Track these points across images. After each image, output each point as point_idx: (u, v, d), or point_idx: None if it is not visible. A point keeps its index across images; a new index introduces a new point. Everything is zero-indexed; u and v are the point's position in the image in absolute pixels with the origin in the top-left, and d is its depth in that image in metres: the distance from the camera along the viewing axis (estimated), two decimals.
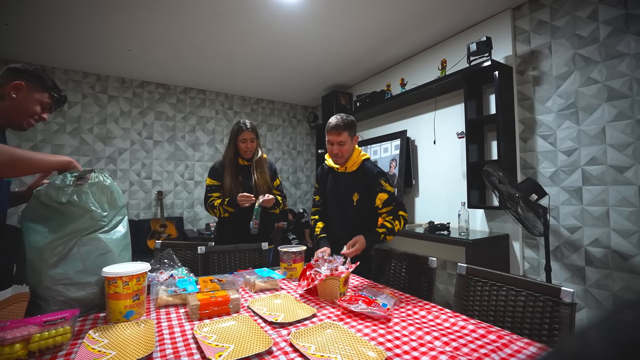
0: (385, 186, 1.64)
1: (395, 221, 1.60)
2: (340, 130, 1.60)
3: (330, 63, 3.57)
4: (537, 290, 1.07)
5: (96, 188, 1.09)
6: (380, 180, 1.64)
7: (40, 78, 1.14)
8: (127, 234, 1.16)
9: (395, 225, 1.60)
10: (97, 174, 1.12)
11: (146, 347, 0.81)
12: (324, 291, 1.21)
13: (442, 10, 2.54)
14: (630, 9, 1.92)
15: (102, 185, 1.11)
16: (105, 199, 1.11)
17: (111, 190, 1.13)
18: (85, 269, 1.02)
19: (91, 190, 1.08)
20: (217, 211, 1.95)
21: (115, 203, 1.14)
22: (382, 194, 1.63)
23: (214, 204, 1.96)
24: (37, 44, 3.06)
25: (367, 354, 0.79)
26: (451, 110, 2.93)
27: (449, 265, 2.95)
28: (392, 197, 1.64)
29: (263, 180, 2.00)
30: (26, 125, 1.15)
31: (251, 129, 1.97)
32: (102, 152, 3.82)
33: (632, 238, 1.91)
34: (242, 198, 1.86)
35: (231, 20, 2.68)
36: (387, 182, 1.65)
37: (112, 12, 2.54)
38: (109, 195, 1.12)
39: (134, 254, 1.23)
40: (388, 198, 1.63)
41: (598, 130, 2.05)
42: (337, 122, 1.61)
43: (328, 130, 1.64)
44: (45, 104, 1.16)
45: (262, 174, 2.01)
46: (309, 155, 5.29)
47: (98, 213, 1.07)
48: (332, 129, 1.61)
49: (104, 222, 1.08)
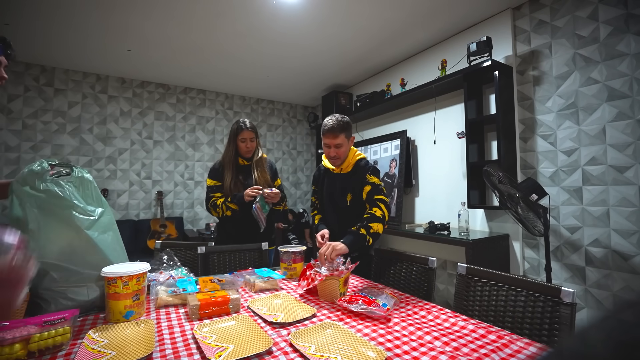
0: (370, 179, 1.60)
1: (374, 208, 1.52)
2: (337, 133, 1.58)
3: (330, 63, 3.57)
4: (537, 290, 1.06)
5: (79, 182, 1.08)
6: (366, 175, 1.61)
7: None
8: (115, 228, 1.15)
9: (374, 211, 1.50)
10: (77, 169, 1.10)
11: (146, 347, 0.81)
12: (324, 291, 1.21)
13: (442, 10, 2.54)
14: (631, 9, 1.92)
15: (85, 180, 1.09)
16: (90, 193, 1.10)
17: (95, 185, 1.12)
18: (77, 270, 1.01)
19: (74, 184, 1.06)
20: (219, 210, 1.94)
21: (99, 199, 1.13)
22: (367, 187, 1.60)
23: (216, 202, 1.95)
24: (37, 44, 3.06)
25: (367, 354, 0.79)
26: (451, 110, 2.93)
27: (449, 265, 2.95)
28: (375, 188, 1.58)
29: (263, 179, 1.99)
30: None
31: (251, 129, 1.97)
32: (102, 152, 3.82)
33: (632, 238, 1.91)
34: (250, 190, 1.85)
35: (231, 21, 2.68)
36: (372, 175, 1.61)
37: (112, 12, 2.54)
38: (93, 191, 1.11)
39: (134, 254, 1.22)
40: (370, 189, 1.58)
41: (598, 130, 2.05)
42: (333, 125, 1.57)
43: (324, 134, 1.61)
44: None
45: (263, 173, 2.01)
46: (309, 155, 5.29)
47: (82, 208, 1.04)
48: (328, 132, 1.58)
49: (93, 217, 1.06)
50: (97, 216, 1.08)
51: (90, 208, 1.07)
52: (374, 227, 1.47)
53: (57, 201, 1.01)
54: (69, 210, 1.02)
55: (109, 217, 1.13)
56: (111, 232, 1.12)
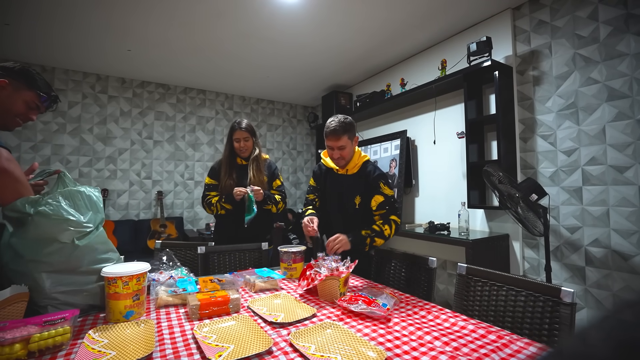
0: (383, 189, 1.61)
1: (385, 225, 1.56)
2: (339, 135, 1.56)
3: (330, 63, 3.57)
4: (537, 290, 1.06)
5: (68, 194, 1.05)
6: (379, 183, 1.61)
7: (27, 76, 1.09)
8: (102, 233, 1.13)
9: (384, 229, 1.55)
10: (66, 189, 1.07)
11: (146, 347, 0.80)
12: (324, 291, 1.21)
13: (442, 10, 2.54)
14: (631, 9, 1.92)
15: (72, 192, 1.06)
16: (83, 203, 1.07)
17: (86, 194, 1.09)
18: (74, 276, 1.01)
19: (62, 200, 1.02)
20: (214, 208, 2.00)
21: (95, 205, 1.10)
22: (378, 196, 1.60)
23: (211, 201, 2.00)
24: (37, 44, 3.06)
25: (367, 354, 0.79)
26: (451, 110, 2.93)
27: (449, 265, 2.95)
28: (388, 201, 1.60)
29: (258, 179, 2.00)
30: (11, 125, 1.11)
31: (245, 129, 1.98)
32: (102, 152, 3.82)
33: (632, 238, 1.91)
34: (237, 191, 1.90)
35: (231, 20, 2.67)
36: (386, 185, 1.62)
37: (112, 12, 2.54)
38: (84, 199, 1.08)
39: (134, 254, 1.22)
40: (383, 201, 1.59)
41: (598, 130, 2.05)
42: (335, 127, 1.55)
43: (326, 136, 1.59)
44: (32, 104, 1.11)
45: (258, 173, 2.02)
46: (309, 155, 5.29)
47: (75, 220, 1.01)
48: (331, 134, 1.57)
49: (89, 227, 1.04)
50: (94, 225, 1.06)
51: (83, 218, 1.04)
52: (377, 242, 1.55)
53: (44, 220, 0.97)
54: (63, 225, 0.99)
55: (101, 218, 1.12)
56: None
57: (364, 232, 1.53)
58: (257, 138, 2.10)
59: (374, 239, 1.53)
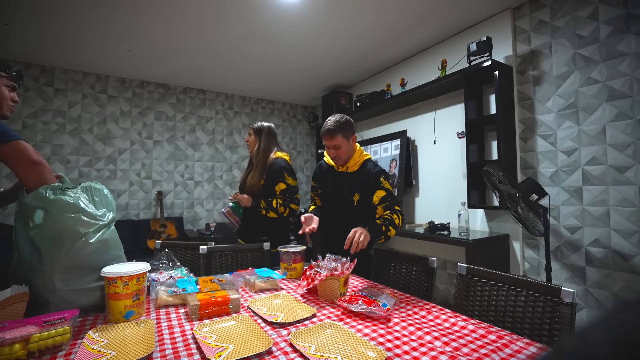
0: (384, 184, 1.64)
1: (394, 214, 1.57)
2: (333, 134, 1.58)
3: (330, 63, 3.57)
4: (537, 291, 1.06)
5: (87, 189, 1.12)
6: (380, 179, 1.64)
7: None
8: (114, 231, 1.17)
9: (394, 217, 1.56)
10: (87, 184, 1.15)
11: (146, 347, 0.80)
12: (324, 291, 1.21)
13: (442, 10, 2.54)
14: (631, 9, 1.91)
15: (92, 187, 1.14)
16: (100, 200, 1.14)
17: (104, 193, 1.17)
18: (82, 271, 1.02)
19: (82, 193, 1.09)
20: None
21: (110, 205, 1.16)
22: (380, 191, 1.63)
23: None
24: (37, 44, 3.06)
25: (367, 354, 0.79)
26: (451, 110, 2.93)
27: (449, 265, 2.95)
28: (390, 194, 1.63)
29: (253, 181, 2.00)
30: (7, 111, 1.20)
31: (249, 125, 2.16)
32: (102, 152, 3.82)
33: (633, 238, 1.91)
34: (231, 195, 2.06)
35: (232, 21, 2.67)
36: (386, 180, 1.65)
37: (112, 12, 2.54)
38: (102, 197, 1.15)
39: (134, 254, 1.23)
40: (385, 195, 1.62)
41: (598, 130, 2.05)
42: (329, 127, 1.59)
43: (322, 135, 1.63)
44: (10, 85, 1.20)
45: (254, 173, 2.01)
46: (309, 155, 5.29)
47: (91, 212, 1.06)
48: (325, 134, 1.61)
49: (103, 222, 1.08)
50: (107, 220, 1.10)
51: (98, 212, 1.09)
52: (391, 231, 1.55)
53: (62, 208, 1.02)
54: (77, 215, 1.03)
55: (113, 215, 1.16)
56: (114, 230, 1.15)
57: (378, 221, 1.53)
58: (263, 136, 2.05)
59: (388, 227, 1.52)
